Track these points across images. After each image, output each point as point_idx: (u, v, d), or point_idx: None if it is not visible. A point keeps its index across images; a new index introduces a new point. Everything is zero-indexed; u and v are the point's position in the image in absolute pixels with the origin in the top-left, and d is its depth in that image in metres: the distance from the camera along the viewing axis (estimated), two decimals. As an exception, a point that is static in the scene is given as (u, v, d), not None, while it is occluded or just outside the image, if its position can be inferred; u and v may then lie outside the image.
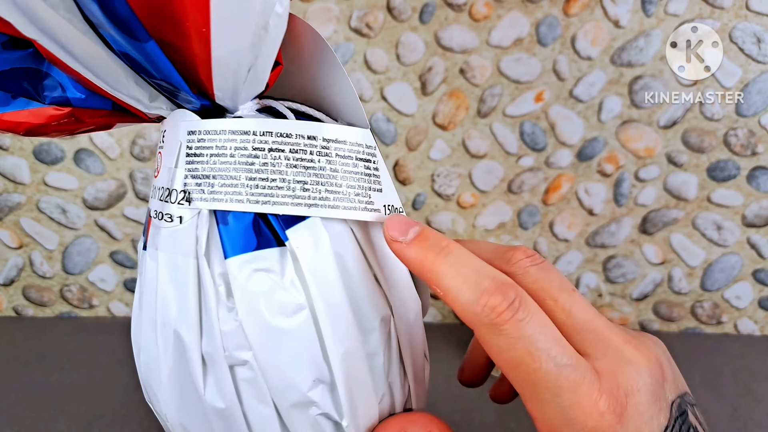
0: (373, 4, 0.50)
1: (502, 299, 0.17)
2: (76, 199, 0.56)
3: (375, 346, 0.20)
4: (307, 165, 0.19)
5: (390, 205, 0.21)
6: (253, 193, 0.19)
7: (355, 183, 0.20)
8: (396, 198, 0.22)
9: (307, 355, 0.19)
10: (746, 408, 0.48)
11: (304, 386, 0.19)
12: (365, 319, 0.20)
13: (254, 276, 0.19)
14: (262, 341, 0.19)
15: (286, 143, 0.19)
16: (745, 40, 0.50)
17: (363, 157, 0.21)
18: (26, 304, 0.60)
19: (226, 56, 0.17)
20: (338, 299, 0.19)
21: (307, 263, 0.19)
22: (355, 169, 0.20)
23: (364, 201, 0.20)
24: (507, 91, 0.53)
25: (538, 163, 0.55)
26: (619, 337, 0.19)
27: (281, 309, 0.19)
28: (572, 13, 0.50)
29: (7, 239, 0.58)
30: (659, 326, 0.61)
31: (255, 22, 0.17)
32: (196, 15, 0.15)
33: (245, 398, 0.19)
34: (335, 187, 0.20)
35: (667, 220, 0.56)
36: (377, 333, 0.20)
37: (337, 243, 0.20)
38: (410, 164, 0.56)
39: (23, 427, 0.44)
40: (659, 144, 0.54)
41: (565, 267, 0.59)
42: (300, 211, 0.19)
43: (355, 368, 0.19)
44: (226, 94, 0.19)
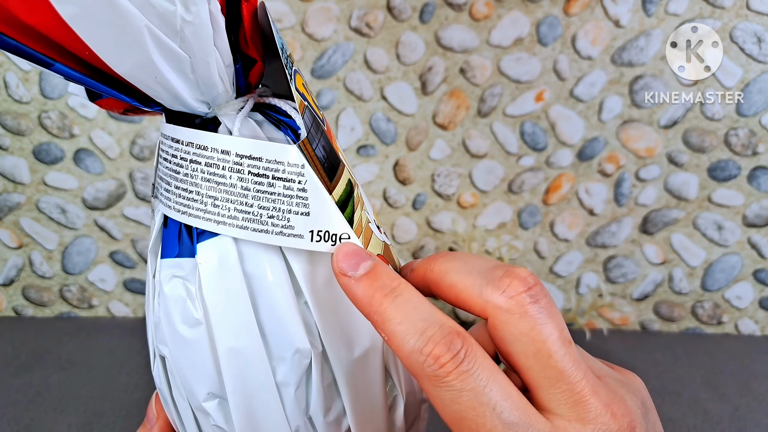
0: (373, 3, 0.50)
1: (446, 349, 0.16)
2: (76, 199, 0.56)
3: (286, 377, 0.19)
4: (219, 180, 0.19)
5: (322, 231, 0.19)
6: (178, 202, 0.19)
7: (269, 204, 0.19)
8: (337, 224, 0.19)
9: (202, 367, 0.19)
10: (747, 408, 0.48)
11: (200, 396, 0.20)
12: (276, 346, 0.19)
13: (172, 281, 0.19)
14: (172, 343, 0.20)
15: (203, 156, 0.19)
16: (745, 40, 0.50)
17: (283, 177, 0.19)
18: (26, 304, 0.60)
19: (133, 72, 0.17)
20: (240, 320, 0.19)
21: (207, 279, 0.19)
22: (270, 188, 0.19)
23: (280, 225, 0.19)
24: (507, 90, 0.53)
25: (538, 163, 0.55)
26: (599, 401, 0.17)
27: (185, 318, 0.19)
28: (573, 12, 0.50)
29: (7, 239, 0.58)
30: (660, 326, 0.61)
31: (147, 37, 0.17)
32: (70, 42, 0.16)
33: (172, 386, 0.21)
34: (245, 206, 0.19)
35: (667, 220, 0.56)
36: (289, 363, 0.19)
37: (252, 263, 0.19)
38: (410, 164, 0.56)
39: (23, 426, 0.44)
40: (660, 144, 0.54)
41: (566, 267, 0.59)
42: (209, 227, 0.19)
43: (255, 393, 0.19)
44: (174, 101, 0.19)
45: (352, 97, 0.53)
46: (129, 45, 0.17)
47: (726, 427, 0.45)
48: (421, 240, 0.58)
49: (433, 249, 0.59)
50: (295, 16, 0.50)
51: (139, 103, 0.19)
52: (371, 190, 0.57)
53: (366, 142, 0.55)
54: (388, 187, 0.56)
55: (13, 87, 0.52)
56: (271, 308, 0.19)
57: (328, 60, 0.52)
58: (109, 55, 0.17)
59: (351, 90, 0.53)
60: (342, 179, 0.19)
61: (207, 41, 0.18)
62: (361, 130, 0.54)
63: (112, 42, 0.16)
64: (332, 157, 0.20)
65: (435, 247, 0.59)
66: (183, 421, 0.21)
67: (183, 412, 0.21)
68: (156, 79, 0.18)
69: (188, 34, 0.17)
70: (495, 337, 0.17)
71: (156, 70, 0.17)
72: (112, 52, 0.17)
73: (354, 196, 0.20)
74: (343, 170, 0.20)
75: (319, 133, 0.19)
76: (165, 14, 0.16)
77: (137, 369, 0.51)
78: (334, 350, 0.20)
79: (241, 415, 0.19)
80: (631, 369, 0.56)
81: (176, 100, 0.19)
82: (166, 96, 0.19)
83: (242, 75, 0.20)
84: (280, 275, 0.19)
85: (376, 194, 0.57)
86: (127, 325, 0.60)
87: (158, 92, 0.18)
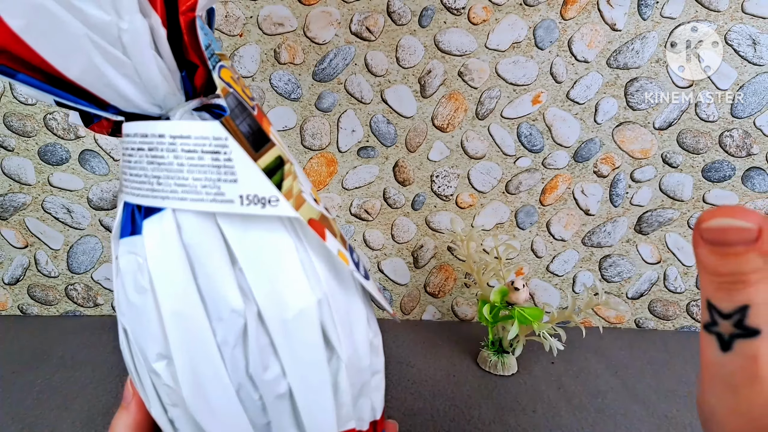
0: (373, 8, 0.51)
1: None
2: (81, 200, 0.57)
3: (225, 336, 0.21)
4: (160, 161, 0.21)
5: (251, 195, 0.21)
6: (131, 187, 0.22)
7: (202, 175, 0.21)
8: (265, 188, 0.21)
9: (150, 330, 0.22)
10: (740, 405, 0.48)
11: (151, 358, 0.22)
12: (214, 308, 0.21)
13: (126, 256, 0.22)
14: (127, 312, 0.22)
15: (146, 142, 0.21)
16: (740, 42, 0.50)
17: (210, 150, 0.21)
18: (31, 302, 0.61)
19: (83, 76, 0.20)
20: (181, 286, 0.21)
21: (151, 251, 0.21)
22: (200, 162, 0.21)
23: (213, 192, 0.21)
24: (505, 93, 0.53)
25: (535, 164, 0.56)
26: None
27: (136, 287, 0.22)
28: (569, 16, 0.51)
29: (13, 239, 0.58)
30: (655, 324, 0.61)
31: (88, 44, 0.19)
32: (24, 52, 0.18)
33: (132, 354, 0.23)
34: (182, 180, 0.21)
35: (662, 220, 0.57)
36: (226, 323, 0.21)
37: (189, 234, 0.21)
38: (410, 165, 0.56)
39: (28, 423, 0.44)
40: (655, 145, 0.54)
41: (562, 266, 0.60)
42: (156, 203, 0.21)
43: (197, 352, 0.21)
44: (128, 104, 0.21)
45: (352, 99, 0.54)
46: (73, 52, 0.19)
47: (719, 423, 0.46)
48: (421, 239, 0.59)
49: (432, 248, 0.59)
50: (296, 20, 0.51)
51: (98, 108, 0.21)
52: (371, 191, 0.57)
53: (366, 144, 0.55)
54: (388, 188, 0.57)
55: (19, 89, 0.52)
56: (207, 273, 0.21)
57: (329, 63, 0.52)
58: (58, 61, 0.19)
59: (352, 93, 0.53)
60: (270, 153, 0.21)
61: (145, 47, 0.20)
62: (361, 131, 0.55)
63: (59, 50, 0.19)
64: (259, 134, 0.21)
65: (434, 246, 0.59)
66: (144, 387, 0.23)
67: (143, 378, 0.23)
68: (105, 83, 0.20)
69: (126, 41, 0.19)
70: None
71: (102, 75, 0.20)
72: (60, 59, 0.19)
73: (284, 169, 0.22)
74: (272, 147, 0.22)
75: (245, 113, 0.22)
76: (102, 24, 0.19)
77: (141, 366, 0.52)
78: (268, 311, 0.21)
79: (186, 373, 0.21)
80: (626, 367, 0.57)
81: (129, 103, 0.21)
82: (119, 100, 0.21)
83: (188, 80, 0.22)
84: (215, 243, 0.21)
85: (376, 195, 0.57)
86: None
87: (111, 96, 0.21)
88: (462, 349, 0.56)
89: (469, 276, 0.60)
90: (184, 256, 0.21)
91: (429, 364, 0.53)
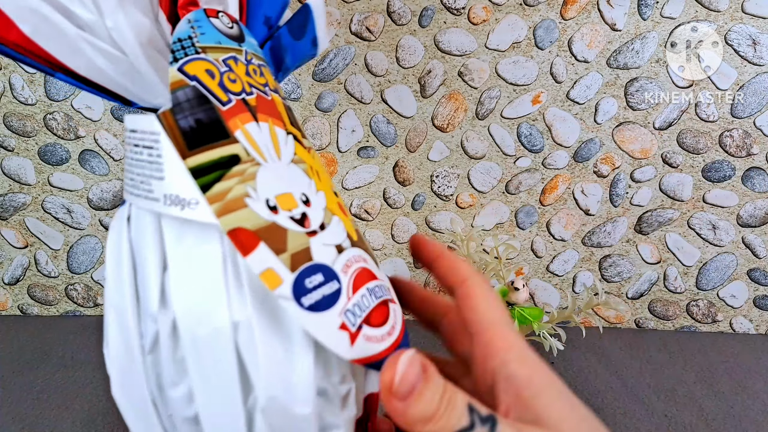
0: (373, 8, 0.51)
1: None
2: (81, 200, 0.57)
3: (145, 332, 0.21)
4: (129, 155, 0.22)
5: (173, 195, 0.19)
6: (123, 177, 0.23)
7: (141, 171, 0.20)
8: (187, 189, 0.19)
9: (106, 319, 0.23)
10: (741, 405, 0.48)
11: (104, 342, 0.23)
12: (144, 308, 0.21)
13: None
14: None
15: (127, 137, 0.22)
16: (740, 43, 0.50)
17: (147, 144, 0.20)
18: (31, 302, 0.61)
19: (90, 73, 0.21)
20: (119, 280, 0.21)
21: (108, 243, 0.22)
22: (140, 156, 0.20)
23: (146, 189, 0.20)
24: (505, 93, 0.53)
25: (535, 164, 0.56)
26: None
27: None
28: (569, 16, 0.51)
29: (13, 239, 0.58)
30: (654, 324, 0.61)
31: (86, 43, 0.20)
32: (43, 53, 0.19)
33: None
34: (132, 174, 0.21)
35: (662, 220, 0.57)
36: (147, 327, 0.21)
37: (135, 229, 0.21)
38: (410, 165, 0.56)
39: (28, 423, 0.44)
40: (655, 145, 0.54)
41: (562, 266, 0.60)
42: (125, 197, 0.22)
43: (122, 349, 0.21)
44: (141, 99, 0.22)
45: (352, 99, 0.54)
46: (74, 51, 0.20)
47: (721, 424, 0.46)
48: (420, 240, 0.59)
49: (432, 248, 0.59)
50: (296, 19, 0.51)
51: (122, 103, 0.22)
52: (371, 191, 0.57)
53: (366, 144, 0.55)
54: (388, 188, 0.57)
55: (19, 89, 0.52)
56: (142, 271, 0.21)
57: (330, 63, 0.52)
58: (68, 60, 0.20)
59: (352, 93, 0.53)
60: (213, 151, 0.19)
61: (133, 43, 0.20)
62: (361, 131, 0.55)
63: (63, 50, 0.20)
64: (206, 129, 0.20)
65: (434, 246, 0.59)
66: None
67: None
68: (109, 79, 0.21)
69: (116, 38, 0.20)
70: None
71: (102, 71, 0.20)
72: (69, 58, 0.20)
73: (232, 170, 0.19)
74: (223, 144, 0.20)
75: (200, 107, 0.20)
76: (91, 23, 0.19)
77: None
78: (182, 322, 0.20)
79: (115, 367, 0.21)
80: (626, 366, 0.57)
81: (135, 97, 0.22)
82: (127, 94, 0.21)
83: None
84: (152, 241, 0.21)
85: (376, 195, 0.57)
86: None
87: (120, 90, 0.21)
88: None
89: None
90: (128, 250, 0.21)
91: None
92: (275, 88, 0.24)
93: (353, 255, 0.22)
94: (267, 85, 0.23)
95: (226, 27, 0.22)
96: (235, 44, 0.22)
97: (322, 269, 0.20)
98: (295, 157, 0.22)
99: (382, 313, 0.21)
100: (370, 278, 0.22)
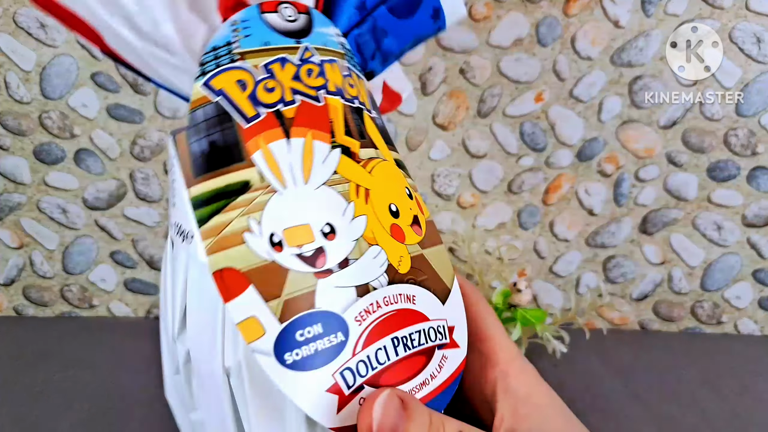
0: (373, 4, 0.50)
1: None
2: (77, 199, 0.56)
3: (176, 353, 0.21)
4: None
5: (180, 224, 0.19)
6: None
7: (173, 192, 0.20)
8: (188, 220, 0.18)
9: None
10: (746, 408, 0.48)
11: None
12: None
13: None
14: None
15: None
16: (745, 40, 0.50)
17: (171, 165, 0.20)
18: (27, 304, 0.60)
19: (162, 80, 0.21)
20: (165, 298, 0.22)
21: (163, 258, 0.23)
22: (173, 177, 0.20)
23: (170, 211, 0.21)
24: (507, 91, 0.53)
25: (538, 164, 0.55)
26: None
27: None
28: (572, 13, 0.50)
29: (8, 239, 0.58)
30: (659, 326, 0.61)
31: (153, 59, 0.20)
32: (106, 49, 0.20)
33: None
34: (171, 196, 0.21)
35: (667, 220, 0.56)
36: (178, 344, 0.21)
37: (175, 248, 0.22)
38: (410, 164, 0.56)
39: (26, 425, 0.44)
40: (659, 144, 0.54)
41: (566, 267, 0.59)
42: None
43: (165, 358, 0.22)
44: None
45: (352, 97, 0.53)
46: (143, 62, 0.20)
47: (725, 426, 0.45)
48: (421, 240, 0.58)
49: (433, 249, 0.59)
50: (295, 16, 0.50)
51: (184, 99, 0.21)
52: (371, 191, 0.57)
53: (366, 143, 0.55)
54: (388, 188, 0.57)
55: (14, 87, 0.52)
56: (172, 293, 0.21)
57: (329, 60, 0.52)
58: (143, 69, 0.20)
59: (351, 90, 0.53)
60: (219, 179, 0.18)
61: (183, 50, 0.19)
62: (361, 130, 0.54)
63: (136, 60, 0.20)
64: (219, 153, 0.18)
65: (435, 247, 0.59)
66: None
67: None
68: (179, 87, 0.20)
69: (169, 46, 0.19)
70: None
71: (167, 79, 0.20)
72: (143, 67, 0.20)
73: (236, 200, 0.18)
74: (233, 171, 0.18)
75: (218, 126, 0.18)
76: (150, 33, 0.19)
77: (139, 368, 0.51)
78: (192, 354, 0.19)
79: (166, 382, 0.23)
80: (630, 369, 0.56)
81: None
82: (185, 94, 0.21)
83: None
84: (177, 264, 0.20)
85: (376, 194, 0.57)
86: (128, 325, 0.60)
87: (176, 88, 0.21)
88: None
89: (471, 277, 0.59)
90: (170, 270, 0.21)
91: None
92: (339, 89, 0.21)
93: (384, 296, 0.19)
94: (325, 86, 0.20)
95: (286, 21, 0.20)
96: (291, 42, 0.20)
97: (325, 318, 0.17)
98: (334, 177, 0.19)
99: (409, 367, 0.19)
100: (404, 324, 0.19)
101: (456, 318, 0.21)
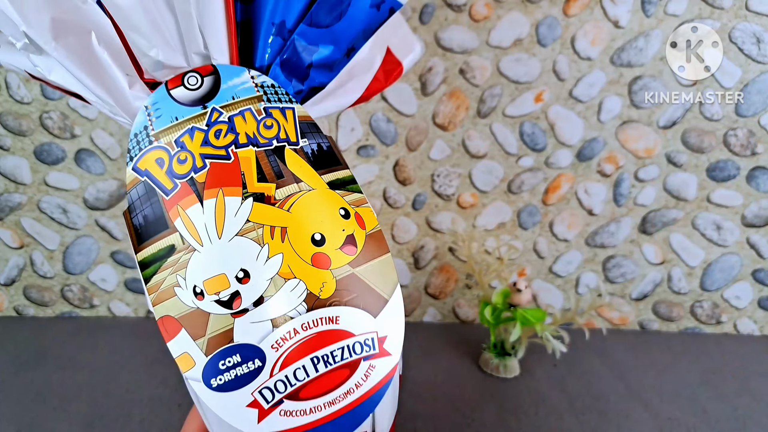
0: (373, 4, 0.50)
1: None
2: (77, 199, 0.56)
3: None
4: None
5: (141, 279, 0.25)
6: None
7: None
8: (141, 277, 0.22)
9: None
10: (746, 407, 0.48)
11: None
12: None
13: None
14: None
15: None
16: (744, 41, 0.50)
17: None
18: (27, 303, 0.60)
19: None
20: None
21: None
22: None
23: None
24: (507, 91, 0.53)
25: (537, 164, 0.55)
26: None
27: None
28: (572, 13, 0.50)
29: (8, 239, 0.58)
30: (659, 326, 0.61)
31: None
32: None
33: None
34: None
35: (666, 220, 0.56)
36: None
37: None
38: (410, 164, 0.56)
39: (25, 425, 0.44)
40: (659, 144, 0.54)
41: (565, 267, 0.59)
42: None
43: None
44: None
45: (352, 97, 0.53)
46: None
47: (725, 426, 0.45)
48: (421, 240, 0.59)
49: (432, 249, 0.59)
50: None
51: None
52: (371, 190, 0.57)
53: (366, 143, 0.55)
54: (388, 187, 0.57)
55: (15, 88, 0.52)
56: None
57: (328, 61, 0.52)
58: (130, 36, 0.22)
59: (351, 90, 0.53)
60: (154, 245, 0.21)
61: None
62: (361, 130, 0.54)
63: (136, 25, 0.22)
64: (151, 224, 0.21)
65: (435, 247, 0.59)
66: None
67: None
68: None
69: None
70: None
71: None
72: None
73: (168, 259, 0.21)
74: (162, 237, 0.21)
75: (149, 201, 0.22)
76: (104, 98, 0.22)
77: (138, 368, 0.51)
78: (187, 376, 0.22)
79: None
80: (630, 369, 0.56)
81: None
82: None
83: None
84: None
85: (376, 194, 0.57)
86: (128, 324, 0.60)
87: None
88: (463, 351, 0.55)
89: (471, 277, 0.59)
90: None
91: (430, 367, 0.52)
92: (252, 138, 0.22)
93: (302, 323, 0.21)
94: (235, 141, 0.22)
95: (191, 91, 0.22)
96: (198, 109, 0.22)
97: (242, 349, 0.21)
98: (247, 225, 0.21)
99: (331, 380, 0.21)
100: (324, 344, 0.21)
101: (390, 327, 0.23)
